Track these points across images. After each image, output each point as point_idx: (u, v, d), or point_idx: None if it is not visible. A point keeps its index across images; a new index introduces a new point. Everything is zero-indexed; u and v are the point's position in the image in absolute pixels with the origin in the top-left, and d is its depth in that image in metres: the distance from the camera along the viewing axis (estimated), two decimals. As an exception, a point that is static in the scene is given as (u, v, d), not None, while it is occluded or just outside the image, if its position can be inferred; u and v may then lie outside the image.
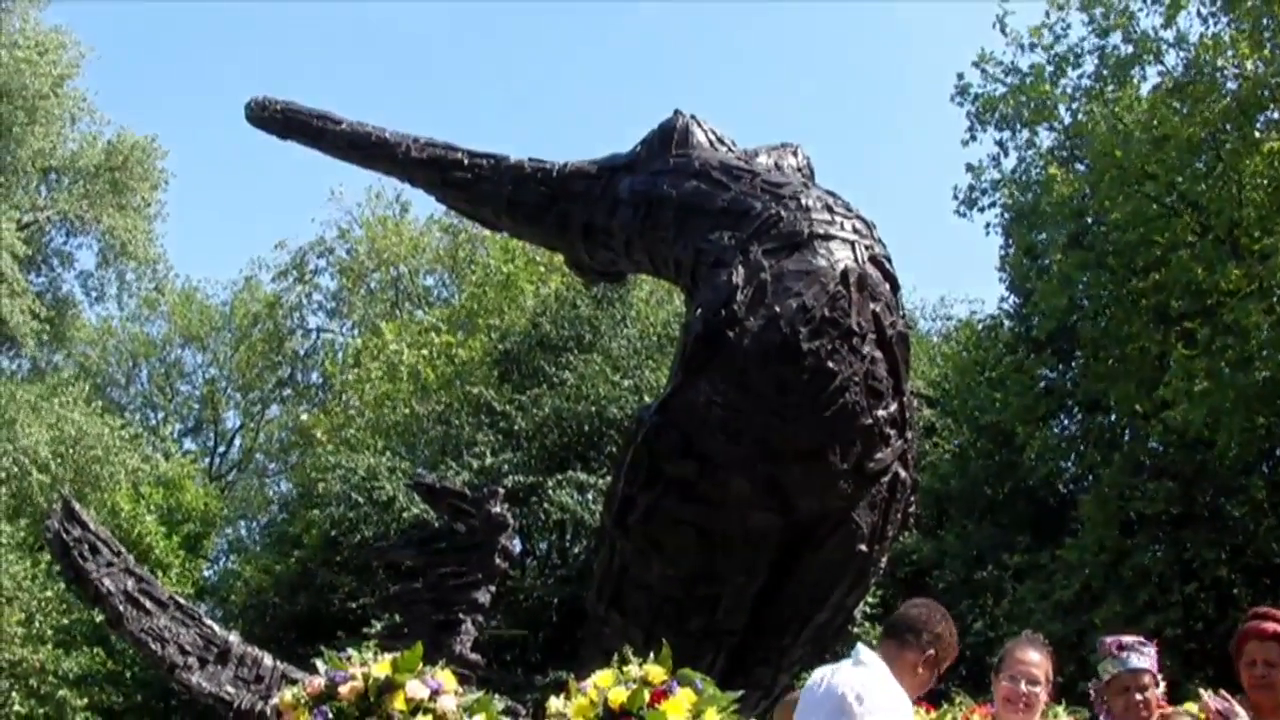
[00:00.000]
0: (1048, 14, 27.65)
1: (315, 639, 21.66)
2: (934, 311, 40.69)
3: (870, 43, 74.90)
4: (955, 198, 29.85)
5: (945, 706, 7.74)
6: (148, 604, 9.82)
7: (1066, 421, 29.10)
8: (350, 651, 6.74)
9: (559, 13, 72.89)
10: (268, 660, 9.84)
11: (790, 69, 73.50)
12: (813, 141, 9.17)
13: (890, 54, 73.32)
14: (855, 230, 7.85)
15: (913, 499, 8.21)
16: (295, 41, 74.54)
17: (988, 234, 30.47)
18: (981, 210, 29.81)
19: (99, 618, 19.13)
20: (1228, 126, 23.41)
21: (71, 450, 32.45)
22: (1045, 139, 28.96)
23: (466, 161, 9.88)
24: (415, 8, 72.77)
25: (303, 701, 6.58)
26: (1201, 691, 6.49)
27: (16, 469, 30.93)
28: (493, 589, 10.05)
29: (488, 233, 33.89)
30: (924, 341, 34.29)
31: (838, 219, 7.86)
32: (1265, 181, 23.13)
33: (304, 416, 44.21)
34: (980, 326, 31.23)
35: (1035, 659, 6.30)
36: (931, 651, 5.67)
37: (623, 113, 70.15)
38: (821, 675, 5.53)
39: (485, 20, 73.78)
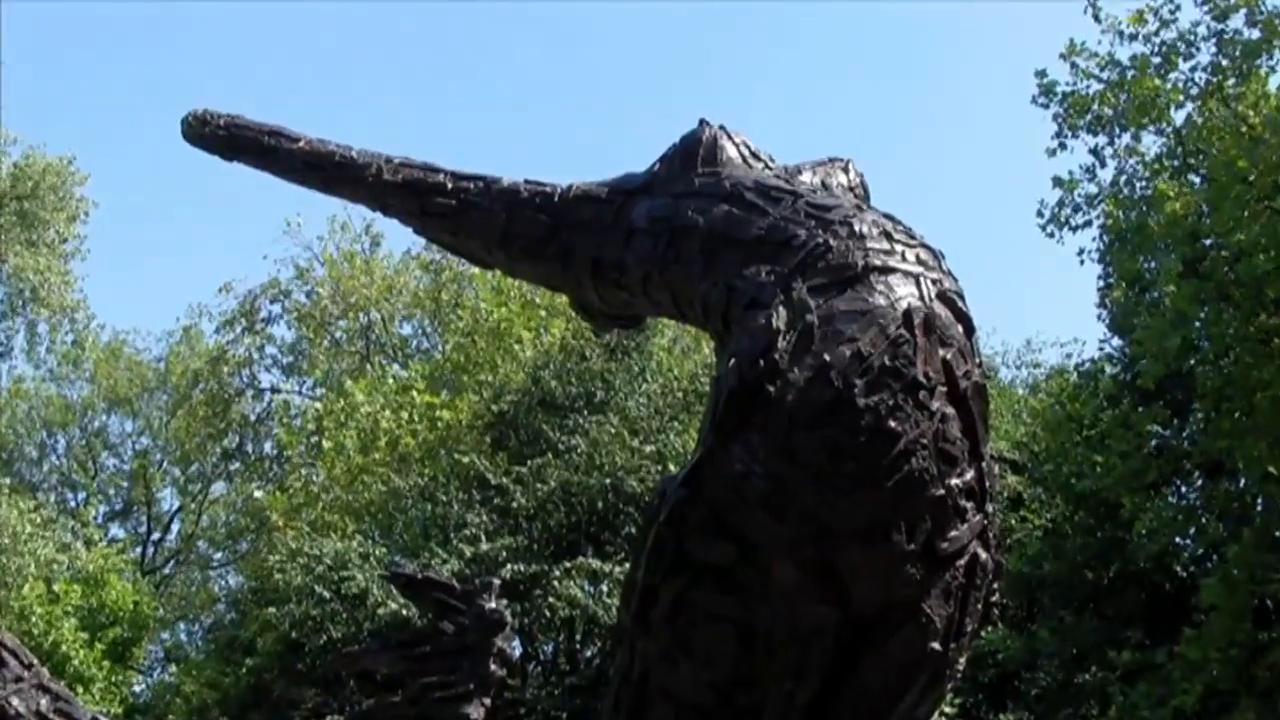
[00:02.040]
0: (1152, -6, 27.67)
1: (272, 766, 21.70)
2: (1018, 358, 40.90)
3: (932, 39, 75.20)
4: (1040, 215, 29.83)
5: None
6: (68, 726, 9.88)
7: (1184, 489, 29.04)
8: (316, 780, 6.78)
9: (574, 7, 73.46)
10: (215, 792, 9.89)
11: (838, 69, 73.85)
12: (866, 155, 9.22)
13: (957, 50, 73.56)
14: (920, 261, 7.85)
15: (996, 586, 8.21)
16: (242, 47, 75.12)
17: (1081, 261, 30.47)
18: (1074, 230, 29.79)
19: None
20: (1377, 127, 23.48)
21: (-27, 540, 32.58)
22: (1151, 145, 28.99)
23: (451, 185, 9.88)
24: (377, 8, 73.37)
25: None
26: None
27: (-95, 563, 31.06)
28: (488, 702, 10.08)
29: (476, 271, 34.06)
30: (1007, 394, 34.37)
31: (898, 248, 7.86)
32: None
33: (256, 494, 44.40)
34: (1076, 374, 31.22)
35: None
36: None
37: (646, 122, 70.55)
38: None
39: (466, 19, 74.31)
